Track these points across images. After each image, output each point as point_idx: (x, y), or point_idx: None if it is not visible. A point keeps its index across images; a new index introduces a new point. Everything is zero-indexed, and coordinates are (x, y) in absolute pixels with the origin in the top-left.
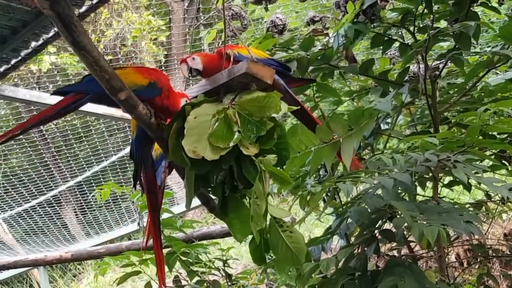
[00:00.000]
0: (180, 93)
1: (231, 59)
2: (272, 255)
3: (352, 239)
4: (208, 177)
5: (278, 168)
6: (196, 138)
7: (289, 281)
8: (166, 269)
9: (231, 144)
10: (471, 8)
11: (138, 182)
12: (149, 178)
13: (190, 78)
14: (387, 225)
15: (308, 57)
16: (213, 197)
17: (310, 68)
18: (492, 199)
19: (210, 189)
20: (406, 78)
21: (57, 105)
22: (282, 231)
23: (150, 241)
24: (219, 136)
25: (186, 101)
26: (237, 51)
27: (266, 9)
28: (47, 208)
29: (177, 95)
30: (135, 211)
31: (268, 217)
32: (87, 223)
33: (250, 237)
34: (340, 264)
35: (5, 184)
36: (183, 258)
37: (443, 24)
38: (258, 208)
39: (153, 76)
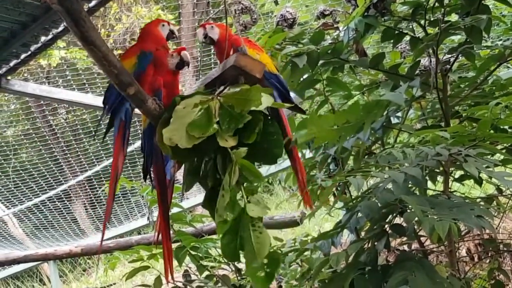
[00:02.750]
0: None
1: (237, 51)
2: None
3: (362, 233)
4: (197, 168)
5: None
6: (177, 127)
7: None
8: (176, 263)
9: (207, 134)
10: (482, 2)
11: (148, 175)
12: (159, 170)
13: (202, 43)
14: (398, 220)
15: (318, 51)
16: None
17: (320, 62)
18: (504, 194)
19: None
20: (417, 72)
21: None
22: (253, 230)
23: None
24: (197, 126)
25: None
26: (245, 48)
27: (276, 3)
28: (57, 202)
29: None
30: (145, 205)
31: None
32: (97, 217)
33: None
34: (350, 258)
35: (15, 179)
36: (193, 253)
37: (454, 17)
38: (222, 199)
39: (137, 49)
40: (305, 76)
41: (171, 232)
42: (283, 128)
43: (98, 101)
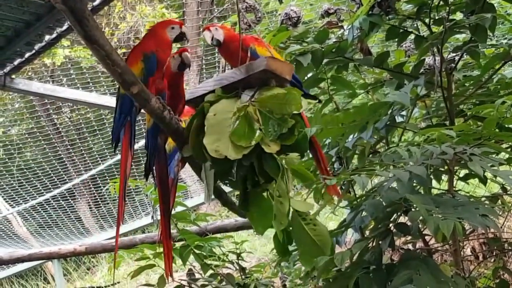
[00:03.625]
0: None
1: (248, 53)
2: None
3: (367, 232)
4: (229, 171)
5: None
6: (217, 137)
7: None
8: (180, 262)
9: (253, 143)
10: (487, 0)
11: (150, 174)
12: (161, 168)
13: (211, 45)
14: (402, 219)
15: (323, 49)
16: (227, 190)
17: (325, 60)
18: (508, 192)
19: (228, 182)
20: (422, 70)
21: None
22: (306, 224)
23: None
24: (241, 135)
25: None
26: (254, 46)
27: (280, 1)
28: (61, 201)
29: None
30: (149, 204)
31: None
32: (101, 216)
33: (272, 231)
34: (355, 257)
35: (20, 177)
36: (197, 252)
37: (459, 16)
38: (281, 207)
39: (139, 52)
40: (309, 75)
41: (175, 231)
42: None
43: (102, 99)
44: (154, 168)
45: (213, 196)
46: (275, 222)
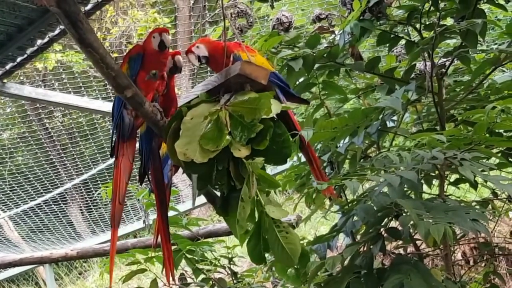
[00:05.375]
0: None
1: (231, 59)
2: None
3: (358, 237)
4: (209, 174)
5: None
6: (189, 140)
7: (288, 281)
8: None
9: (220, 147)
10: (478, 6)
11: (144, 178)
12: (157, 173)
13: (200, 66)
14: (393, 223)
15: (314, 54)
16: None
17: (316, 65)
18: (499, 197)
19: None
20: (413, 75)
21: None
22: (279, 231)
23: (160, 239)
24: (210, 139)
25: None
26: (238, 53)
27: (272, 6)
28: (52, 205)
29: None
30: (141, 209)
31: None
32: (92, 220)
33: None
34: (346, 262)
35: (11, 182)
36: (189, 256)
37: (449, 21)
38: (243, 211)
39: (126, 57)
40: (301, 80)
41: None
42: (291, 123)
43: (94, 104)
44: (149, 172)
45: (204, 201)
46: (237, 226)
